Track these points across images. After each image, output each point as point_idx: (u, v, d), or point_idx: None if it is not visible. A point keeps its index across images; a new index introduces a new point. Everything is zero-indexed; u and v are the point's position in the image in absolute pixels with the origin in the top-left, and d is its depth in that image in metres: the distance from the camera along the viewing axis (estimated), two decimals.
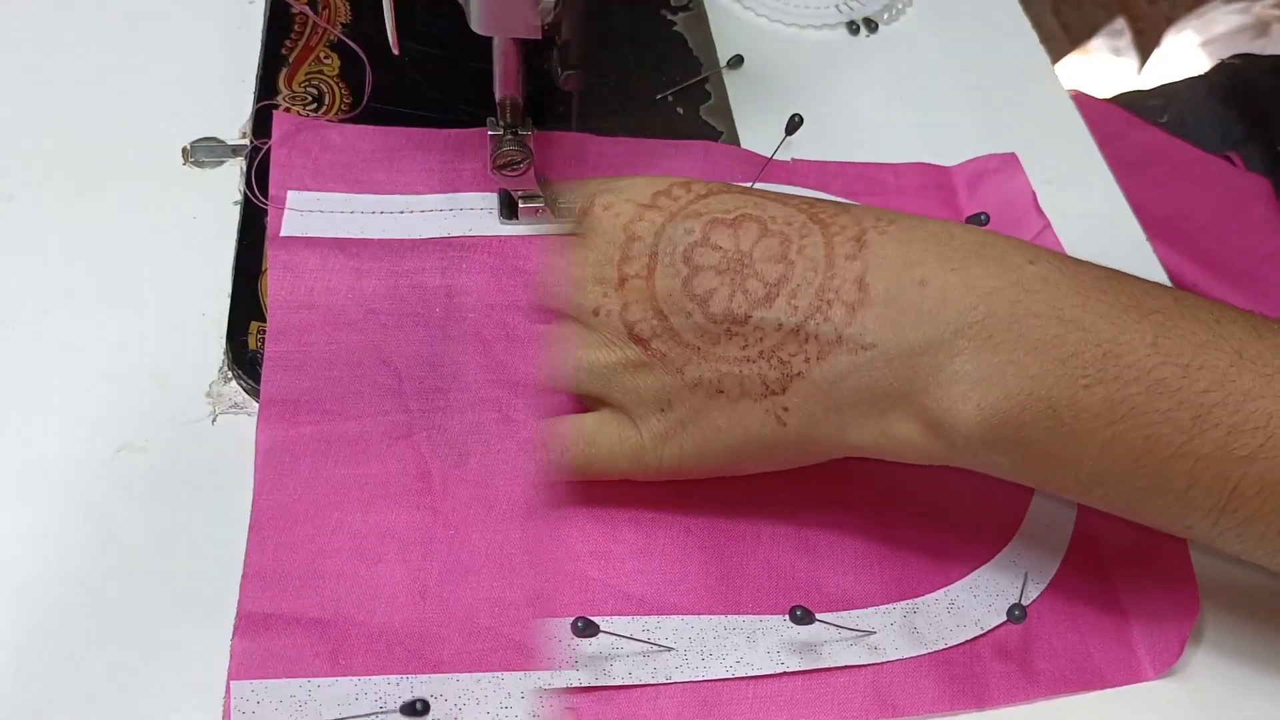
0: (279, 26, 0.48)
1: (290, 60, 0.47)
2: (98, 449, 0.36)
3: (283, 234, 0.41)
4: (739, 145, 0.48)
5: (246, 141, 0.44)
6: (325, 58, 0.47)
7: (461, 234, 0.42)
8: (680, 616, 0.35)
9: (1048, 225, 0.46)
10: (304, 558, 0.34)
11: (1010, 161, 0.49)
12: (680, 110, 0.49)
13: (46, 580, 0.34)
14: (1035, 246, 0.32)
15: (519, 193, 0.43)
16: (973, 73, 0.54)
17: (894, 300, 0.31)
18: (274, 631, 0.33)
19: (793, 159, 0.47)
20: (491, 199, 0.43)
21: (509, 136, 0.41)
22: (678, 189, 0.35)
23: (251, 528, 0.34)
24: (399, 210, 0.42)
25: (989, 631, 0.36)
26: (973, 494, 0.38)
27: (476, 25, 0.35)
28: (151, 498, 0.35)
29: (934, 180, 0.49)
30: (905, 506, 0.38)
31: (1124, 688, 0.36)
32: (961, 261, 0.31)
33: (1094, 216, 0.49)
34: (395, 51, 0.36)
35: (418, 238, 0.42)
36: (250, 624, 0.33)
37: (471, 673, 0.33)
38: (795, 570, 0.36)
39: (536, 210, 0.43)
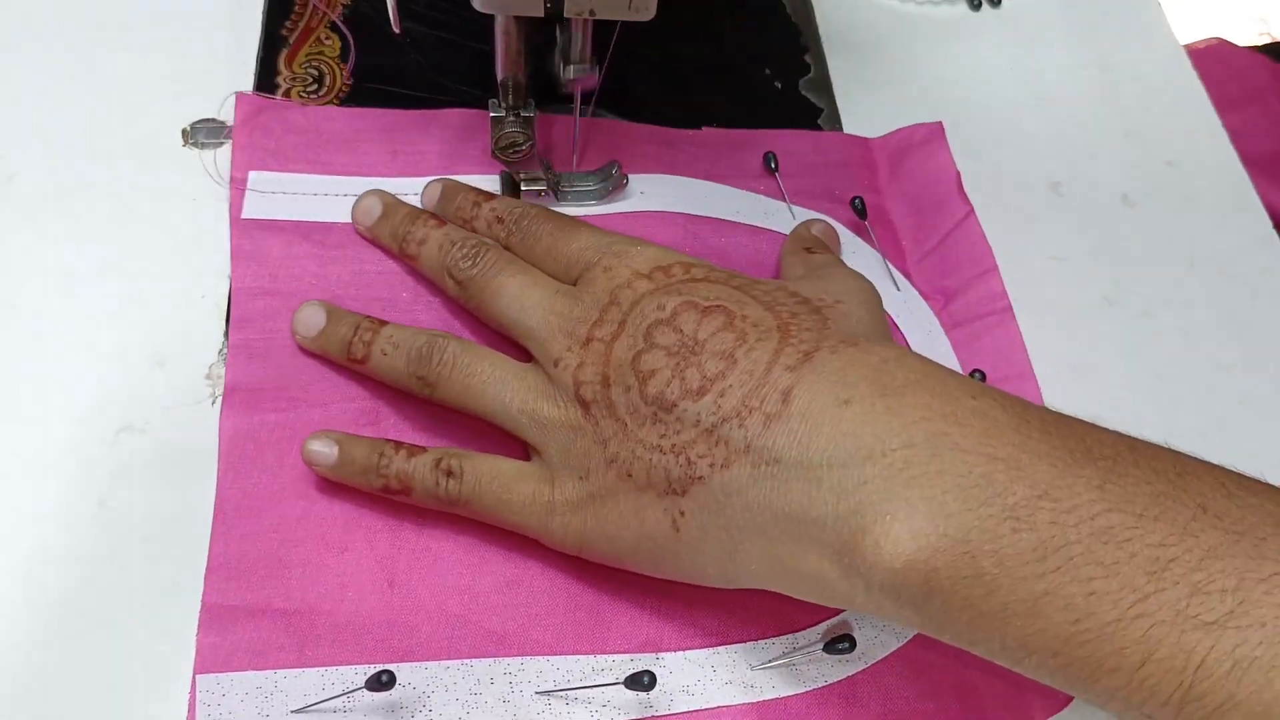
0: (279, 7, 0.47)
1: (291, 41, 0.46)
2: (98, 430, 0.36)
3: (244, 216, 0.40)
4: (840, 124, 0.47)
5: None
6: (326, 39, 0.47)
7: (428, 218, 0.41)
8: (545, 658, 0.33)
9: (971, 213, 0.44)
10: (269, 548, 0.34)
11: (935, 133, 0.46)
12: (778, 85, 0.48)
13: (46, 562, 0.34)
14: (986, 386, 0.30)
15: (521, 175, 0.42)
16: (1096, 50, 0.52)
17: (810, 417, 0.29)
18: (239, 623, 0.32)
19: (703, 127, 0.45)
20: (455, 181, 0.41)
21: (511, 118, 0.40)
22: (678, 267, 0.35)
23: (215, 518, 0.34)
24: (361, 192, 0.41)
25: (871, 665, 0.34)
26: None
27: (478, 3, 0.35)
28: (151, 479, 0.35)
29: (855, 155, 0.46)
30: None
31: None
32: (896, 389, 0.29)
33: (1215, 205, 0.47)
34: (397, 30, 0.36)
35: None
36: (215, 616, 0.32)
37: (440, 660, 0.33)
38: (671, 602, 0.34)
39: (539, 193, 0.42)
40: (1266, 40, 0.73)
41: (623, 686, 0.31)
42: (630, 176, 0.43)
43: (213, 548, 0.34)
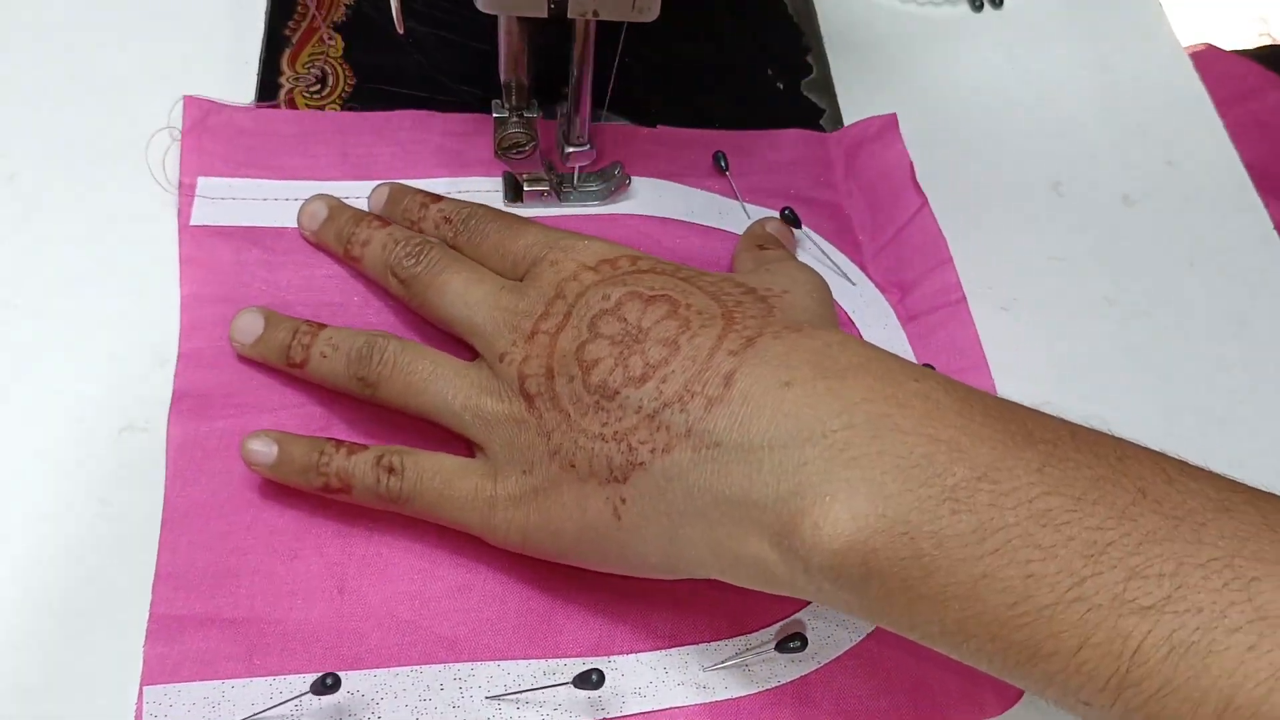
0: (281, 7, 0.48)
1: (294, 41, 0.47)
2: (99, 429, 0.36)
3: (193, 223, 0.39)
4: (842, 124, 0.47)
5: None
6: (329, 39, 0.47)
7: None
8: (496, 663, 0.33)
9: (925, 204, 0.43)
10: (218, 556, 0.33)
11: (889, 125, 0.46)
12: (780, 85, 0.48)
13: (48, 560, 0.34)
14: (929, 370, 0.30)
15: (524, 176, 0.42)
16: (1097, 51, 0.52)
17: (751, 399, 0.29)
18: (187, 633, 0.32)
19: (658, 126, 0.45)
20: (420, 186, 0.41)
21: (514, 119, 0.40)
22: (624, 259, 0.35)
23: (163, 528, 0.34)
24: (309, 198, 0.41)
25: (824, 665, 0.34)
26: None
27: (481, 3, 0.35)
28: (153, 478, 0.35)
29: (811, 152, 0.46)
30: None
31: None
32: (839, 372, 0.29)
33: (1216, 205, 0.47)
34: (400, 31, 0.36)
35: None
36: (163, 627, 0.32)
37: (389, 667, 0.32)
38: (623, 605, 0.34)
39: (542, 193, 0.42)
40: (1266, 41, 0.73)
41: (572, 687, 0.31)
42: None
43: (160, 557, 0.33)
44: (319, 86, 0.45)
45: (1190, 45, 0.54)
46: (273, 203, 0.40)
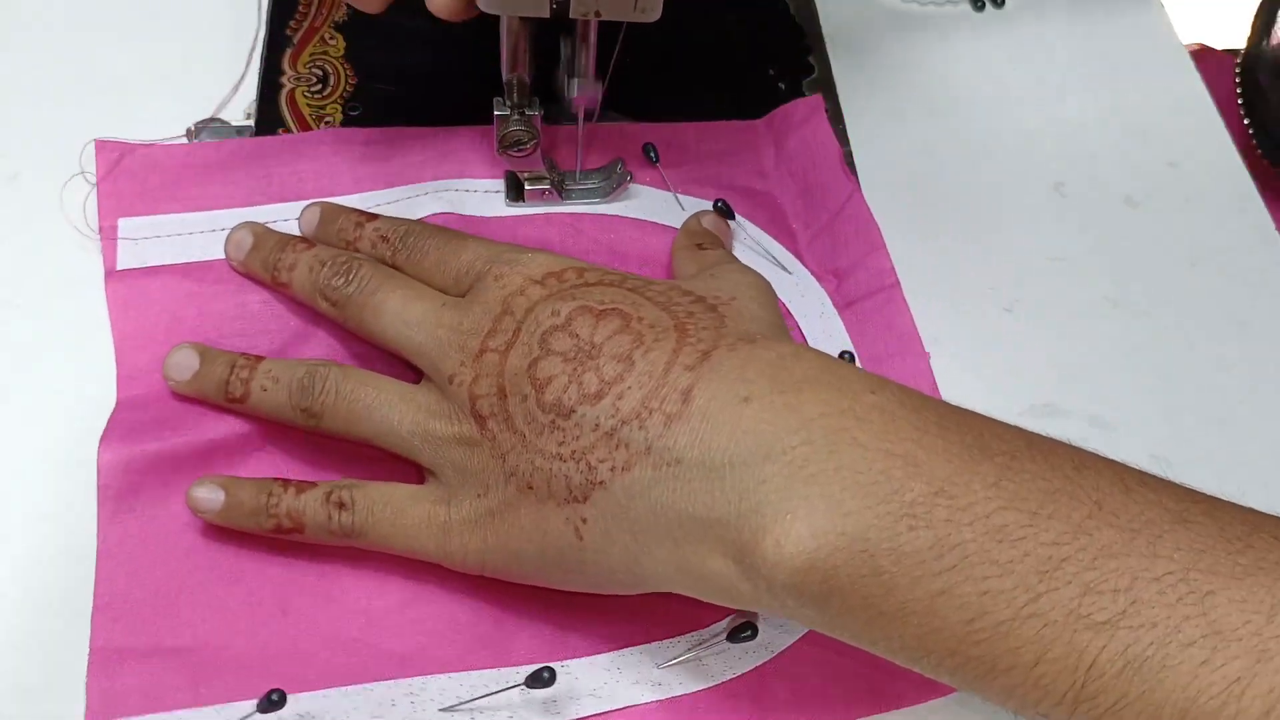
0: (282, 7, 0.48)
1: (295, 41, 0.47)
2: (100, 429, 0.35)
3: (119, 267, 0.38)
4: (843, 124, 0.47)
5: (251, 123, 0.44)
6: (330, 38, 0.47)
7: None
8: (447, 675, 0.32)
9: (857, 190, 0.43)
10: (156, 584, 0.33)
11: (815, 109, 0.45)
12: (782, 85, 0.48)
13: (48, 560, 0.34)
14: (884, 380, 0.29)
15: (525, 174, 0.42)
16: (1099, 51, 0.52)
17: (710, 415, 0.28)
18: (129, 666, 0.31)
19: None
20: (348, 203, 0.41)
21: (515, 117, 0.40)
22: (570, 272, 0.34)
23: (98, 559, 0.33)
24: (233, 227, 0.40)
25: (777, 655, 0.34)
26: None
27: (483, 3, 0.35)
28: None
29: (740, 140, 0.46)
30: None
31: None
32: (795, 385, 0.28)
33: (1218, 206, 0.46)
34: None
35: None
36: (105, 660, 0.31)
37: (339, 686, 0.32)
38: (575, 607, 0.34)
39: (543, 192, 0.42)
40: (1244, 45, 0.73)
41: (525, 689, 0.31)
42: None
43: (97, 589, 0.32)
44: (320, 86, 0.45)
45: (1185, 45, 0.53)
46: (198, 235, 0.39)
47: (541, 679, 0.31)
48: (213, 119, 0.44)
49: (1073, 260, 0.44)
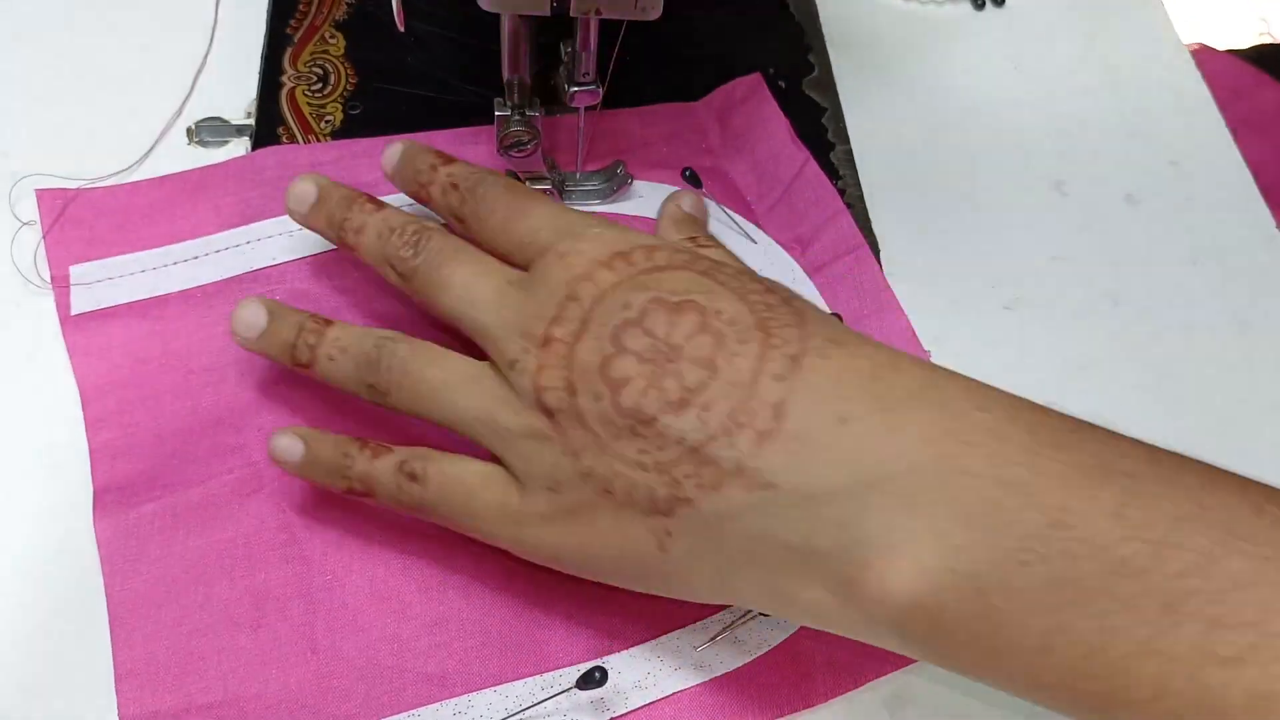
0: (283, 5, 0.47)
1: (295, 40, 0.47)
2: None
3: (74, 313, 0.38)
4: (844, 122, 0.47)
5: (251, 121, 0.44)
6: (330, 37, 0.47)
7: (265, 265, 0.39)
8: (493, 689, 0.32)
9: (810, 159, 0.43)
10: (177, 642, 0.32)
11: (757, 86, 0.45)
12: (782, 84, 0.48)
13: (49, 560, 0.34)
14: (993, 392, 0.28)
15: (525, 174, 0.42)
16: (1099, 49, 0.51)
17: (806, 436, 0.27)
18: None
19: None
20: (285, 220, 0.40)
21: (516, 117, 0.40)
22: (639, 252, 0.32)
23: (111, 626, 0.32)
24: (192, 256, 0.40)
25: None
26: None
27: (484, 2, 0.35)
28: None
29: (683, 124, 0.45)
30: None
31: None
32: (896, 404, 0.27)
33: (1219, 205, 0.46)
34: (400, 28, 0.36)
35: (220, 280, 0.39)
36: None
37: (384, 718, 0.31)
38: (606, 605, 0.34)
39: (544, 192, 0.42)
40: (1267, 40, 0.72)
41: (576, 691, 0.31)
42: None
43: (116, 656, 0.32)
44: (321, 85, 0.45)
45: (1185, 45, 0.53)
46: (151, 273, 0.39)
47: (593, 679, 0.30)
48: (214, 118, 0.44)
49: (1073, 258, 0.44)
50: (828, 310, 0.41)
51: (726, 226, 0.42)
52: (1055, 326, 0.42)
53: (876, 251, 0.43)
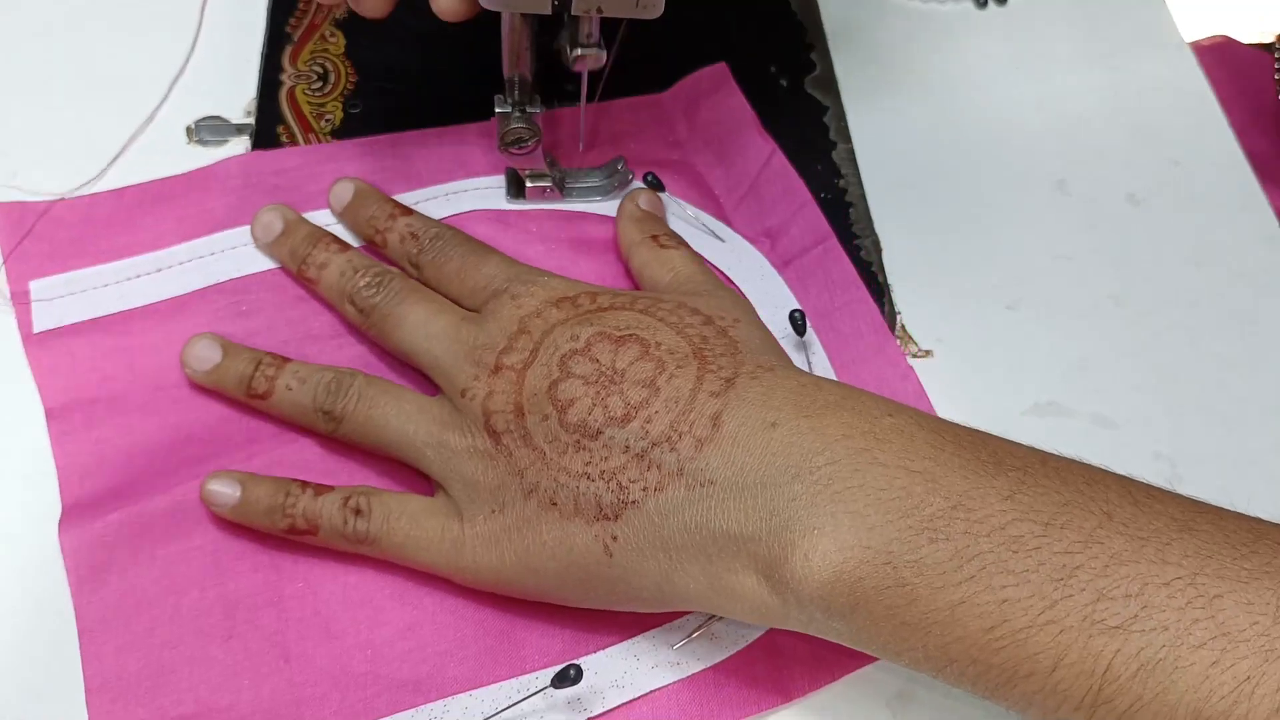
0: (282, 4, 0.47)
1: (295, 38, 0.46)
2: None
3: (36, 330, 0.37)
4: (845, 121, 0.47)
5: (251, 120, 0.44)
6: (330, 35, 0.47)
7: (229, 277, 0.39)
8: (468, 693, 0.32)
9: (776, 151, 0.44)
10: (148, 653, 0.32)
11: (722, 77, 0.46)
12: (784, 82, 0.48)
13: (49, 560, 0.34)
14: (900, 405, 0.31)
15: (526, 171, 0.42)
16: (1102, 49, 0.51)
17: (740, 440, 0.30)
18: None
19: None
20: (248, 231, 0.40)
21: (517, 114, 0.40)
22: (584, 297, 0.35)
23: (81, 639, 0.32)
24: (155, 269, 0.39)
25: None
26: None
27: (485, 0, 0.35)
28: None
29: (648, 115, 0.46)
30: None
31: None
32: (818, 410, 0.30)
33: (1222, 204, 0.46)
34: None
35: (185, 294, 0.39)
36: None
37: None
38: (581, 609, 0.34)
39: (544, 190, 0.42)
40: (1270, 39, 0.72)
41: (551, 691, 0.31)
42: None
43: (86, 670, 0.31)
44: (320, 83, 0.45)
45: (1206, 38, 0.53)
46: (113, 286, 0.38)
47: (568, 677, 0.31)
48: (213, 116, 0.44)
49: (1076, 258, 0.44)
50: (796, 304, 0.41)
51: (693, 227, 0.42)
52: (1058, 326, 0.42)
53: (879, 251, 0.43)
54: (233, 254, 0.40)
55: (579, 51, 0.38)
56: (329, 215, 0.41)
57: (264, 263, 0.40)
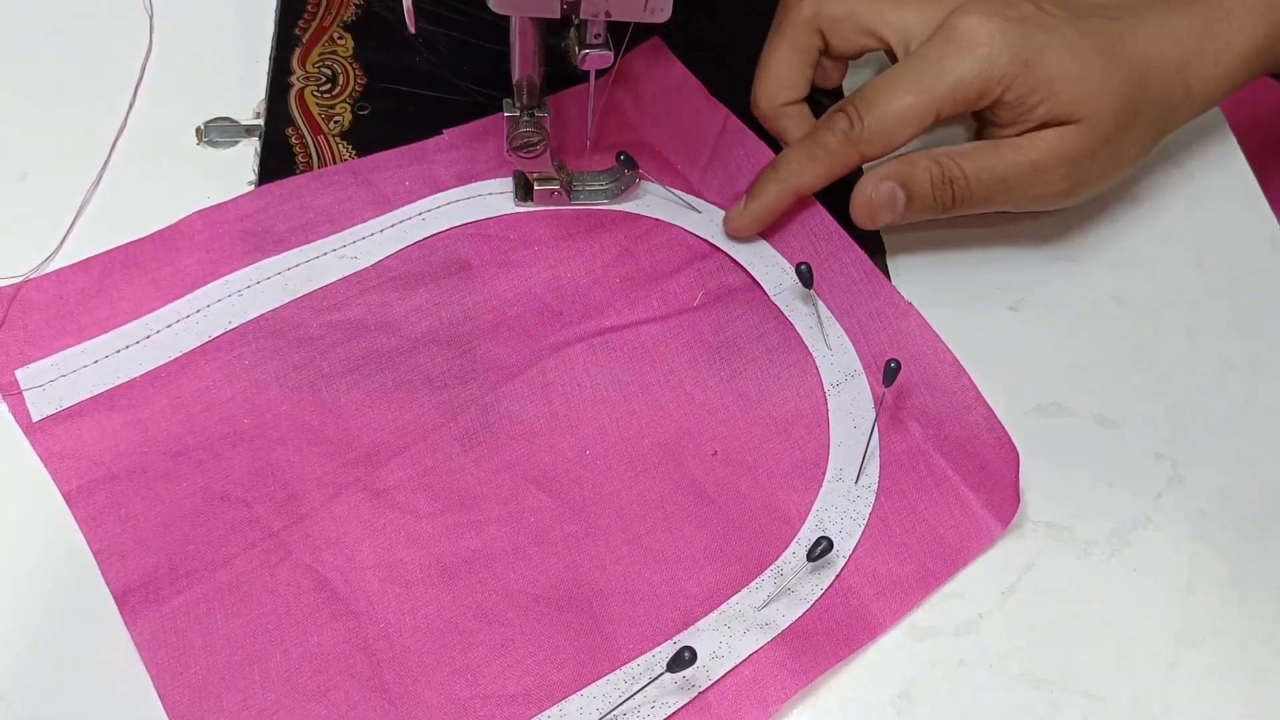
0: (291, 7, 0.48)
1: (304, 41, 0.47)
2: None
3: (36, 419, 0.36)
4: None
5: (260, 122, 0.44)
6: (339, 38, 0.47)
7: (221, 331, 0.38)
8: (579, 694, 0.33)
9: (729, 115, 0.44)
10: None
11: (658, 50, 0.46)
12: None
13: (50, 560, 0.34)
14: None
15: (534, 175, 0.42)
16: None
17: None
18: None
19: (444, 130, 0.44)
20: (246, 277, 0.40)
21: (525, 118, 0.40)
22: None
23: None
24: (144, 336, 0.38)
25: (849, 558, 0.35)
26: (777, 445, 0.38)
27: (494, 4, 0.35)
28: None
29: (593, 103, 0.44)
30: (720, 480, 0.37)
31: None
32: None
33: (1223, 205, 0.47)
34: (412, 30, 0.36)
35: (181, 355, 0.38)
36: None
37: None
38: (655, 586, 0.35)
39: (552, 193, 0.42)
40: None
41: (667, 675, 0.32)
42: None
43: None
44: (329, 85, 0.45)
45: None
46: (106, 361, 0.37)
47: (683, 660, 0.31)
48: (223, 118, 0.45)
49: (1078, 259, 0.44)
50: (782, 261, 0.41)
51: (668, 200, 0.42)
52: (1060, 327, 0.42)
53: (882, 252, 0.43)
54: (220, 306, 0.39)
55: (586, 51, 0.38)
56: (304, 254, 0.40)
57: (251, 310, 0.39)
